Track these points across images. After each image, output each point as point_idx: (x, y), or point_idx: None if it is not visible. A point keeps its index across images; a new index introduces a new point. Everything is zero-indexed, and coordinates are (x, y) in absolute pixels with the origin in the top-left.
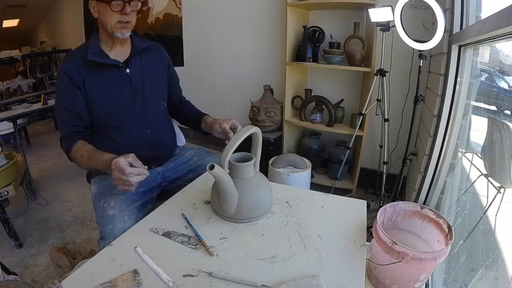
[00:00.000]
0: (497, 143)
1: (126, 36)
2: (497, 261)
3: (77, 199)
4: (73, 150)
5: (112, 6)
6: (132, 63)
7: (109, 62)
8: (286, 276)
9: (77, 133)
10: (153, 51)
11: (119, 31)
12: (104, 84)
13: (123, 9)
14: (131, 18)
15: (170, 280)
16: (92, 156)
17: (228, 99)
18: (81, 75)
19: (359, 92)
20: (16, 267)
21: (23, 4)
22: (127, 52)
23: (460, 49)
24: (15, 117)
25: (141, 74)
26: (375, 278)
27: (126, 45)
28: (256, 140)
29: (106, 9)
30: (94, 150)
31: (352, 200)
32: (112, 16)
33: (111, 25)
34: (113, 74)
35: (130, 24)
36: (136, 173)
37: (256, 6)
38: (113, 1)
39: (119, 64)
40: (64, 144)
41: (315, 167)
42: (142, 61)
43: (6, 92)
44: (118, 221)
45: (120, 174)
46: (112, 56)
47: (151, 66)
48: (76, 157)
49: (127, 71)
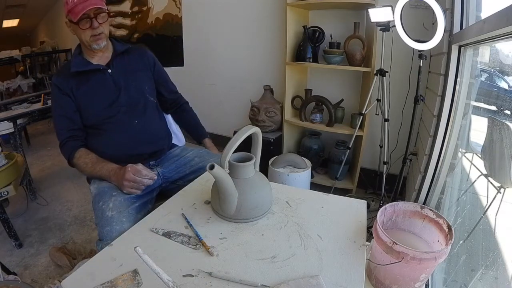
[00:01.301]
0: (497, 143)
1: (103, 46)
2: (497, 261)
3: (77, 199)
4: (76, 157)
5: (81, 25)
6: (113, 64)
7: (91, 67)
8: (286, 276)
9: (74, 137)
10: (134, 52)
11: (95, 43)
12: (90, 87)
13: (91, 25)
14: (103, 29)
15: (170, 280)
16: (96, 164)
17: (228, 99)
18: (69, 85)
19: (359, 92)
20: (16, 267)
21: (23, 4)
22: (108, 57)
23: (460, 49)
24: (15, 117)
25: (124, 72)
26: (375, 278)
27: (107, 51)
28: (256, 140)
29: (77, 28)
30: (98, 159)
31: (352, 200)
32: (84, 32)
33: (86, 40)
34: (97, 77)
35: (104, 34)
36: (149, 176)
37: (256, 6)
38: (80, 20)
39: (100, 68)
40: (65, 150)
41: (315, 167)
42: (125, 61)
43: (6, 92)
44: (116, 223)
45: (135, 176)
46: (95, 62)
47: (134, 64)
48: (79, 164)
49: (109, 71)
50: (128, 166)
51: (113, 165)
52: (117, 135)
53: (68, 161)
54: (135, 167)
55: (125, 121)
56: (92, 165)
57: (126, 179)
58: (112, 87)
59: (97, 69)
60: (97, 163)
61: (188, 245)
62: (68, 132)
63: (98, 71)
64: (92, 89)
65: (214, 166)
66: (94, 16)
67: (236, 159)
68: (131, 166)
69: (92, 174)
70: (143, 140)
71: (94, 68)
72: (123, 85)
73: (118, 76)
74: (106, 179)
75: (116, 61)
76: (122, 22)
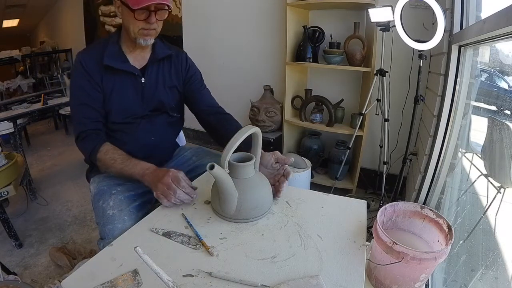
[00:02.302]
0: (497, 143)
1: (150, 43)
2: (497, 261)
3: (77, 199)
4: (101, 151)
5: (137, 14)
6: (148, 72)
7: (125, 68)
8: (286, 276)
9: (97, 131)
10: (172, 60)
11: (142, 38)
12: (117, 87)
13: (148, 18)
14: (157, 25)
15: (170, 280)
16: (127, 161)
17: (228, 99)
18: (99, 73)
19: (359, 92)
20: (16, 267)
21: (23, 4)
22: (145, 58)
23: (460, 49)
24: (15, 117)
25: (155, 84)
26: (375, 278)
27: (146, 50)
28: (256, 140)
29: (130, 16)
30: (128, 156)
31: (352, 200)
32: (135, 23)
33: (134, 32)
34: (128, 79)
35: (155, 31)
36: (187, 190)
37: (256, 6)
38: (137, 10)
39: (135, 73)
40: (87, 143)
41: (315, 167)
42: (159, 69)
43: (6, 92)
44: (118, 221)
45: (172, 183)
46: (130, 59)
47: (167, 76)
48: (105, 159)
49: (142, 80)
50: (170, 170)
51: (148, 164)
52: (126, 146)
53: (90, 155)
54: (176, 174)
55: (140, 135)
56: (122, 162)
57: (162, 182)
58: (140, 98)
59: (131, 72)
60: (129, 160)
61: (188, 245)
62: (93, 124)
63: (131, 74)
64: (117, 90)
65: (214, 166)
66: (155, 10)
67: (236, 159)
68: (172, 171)
69: (120, 171)
70: (152, 154)
71: (128, 70)
72: (150, 98)
73: (149, 88)
74: (136, 178)
75: (152, 68)
76: None
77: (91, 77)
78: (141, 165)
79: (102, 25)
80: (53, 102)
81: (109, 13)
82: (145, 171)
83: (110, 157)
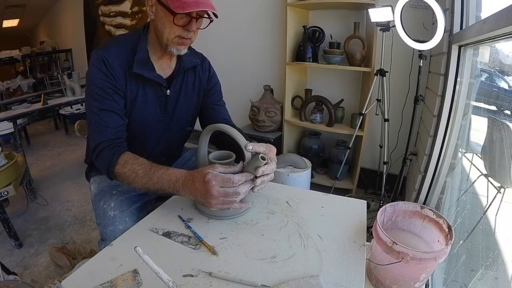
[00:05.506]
0: (497, 143)
1: (182, 53)
2: (497, 261)
3: (77, 199)
4: (119, 163)
5: (176, 19)
6: (174, 83)
7: (152, 77)
8: (286, 276)
9: (117, 140)
10: (197, 69)
11: (176, 46)
12: (141, 97)
13: (187, 24)
14: (193, 35)
15: (170, 280)
16: (150, 171)
17: (228, 99)
18: (124, 76)
19: (359, 92)
20: (16, 267)
21: (23, 4)
22: (172, 68)
23: (460, 49)
24: (15, 117)
25: (177, 97)
26: (375, 278)
27: (174, 59)
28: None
29: (168, 19)
30: (151, 164)
31: (352, 200)
32: (172, 28)
33: (168, 38)
34: (153, 88)
35: (191, 41)
36: (244, 179)
37: (256, 6)
38: (178, 14)
39: (162, 83)
40: (103, 156)
41: (315, 167)
42: (183, 80)
43: (6, 92)
44: (119, 222)
45: (224, 187)
46: (157, 66)
47: (190, 88)
48: (124, 173)
49: (168, 92)
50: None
51: (174, 173)
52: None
53: (107, 171)
54: (221, 176)
55: (157, 146)
56: (145, 174)
57: (214, 197)
58: (161, 110)
59: (156, 82)
60: (152, 169)
61: (188, 245)
62: (113, 132)
63: (156, 84)
64: (140, 100)
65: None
66: (196, 17)
67: (217, 157)
68: (212, 174)
69: (147, 186)
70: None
71: (155, 80)
72: (171, 113)
73: (171, 101)
74: (170, 192)
75: (178, 79)
76: (122, 22)
77: (116, 80)
78: (167, 176)
79: (102, 25)
80: (53, 102)
81: (109, 13)
82: (176, 184)
83: (129, 169)
